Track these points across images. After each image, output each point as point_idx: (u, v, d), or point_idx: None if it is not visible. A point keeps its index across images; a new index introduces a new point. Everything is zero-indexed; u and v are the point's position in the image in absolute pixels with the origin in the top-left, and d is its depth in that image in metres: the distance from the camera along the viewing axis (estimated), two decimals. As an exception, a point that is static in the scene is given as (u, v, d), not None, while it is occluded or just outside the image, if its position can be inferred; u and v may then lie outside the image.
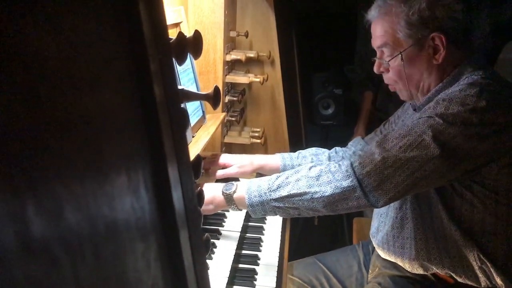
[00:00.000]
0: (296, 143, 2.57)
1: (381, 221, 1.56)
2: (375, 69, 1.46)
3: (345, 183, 1.21)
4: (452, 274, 1.38)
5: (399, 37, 1.34)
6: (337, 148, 1.80)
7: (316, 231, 3.27)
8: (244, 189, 1.33)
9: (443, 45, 1.30)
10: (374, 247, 1.63)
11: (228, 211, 1.69)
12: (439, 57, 1.32)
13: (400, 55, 1.35)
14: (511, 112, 1.21)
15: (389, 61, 1.39)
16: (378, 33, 1.39)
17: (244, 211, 1.70)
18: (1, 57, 0.24)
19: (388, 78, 1.45)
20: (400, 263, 1.48)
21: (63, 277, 0.27)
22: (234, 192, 1.34)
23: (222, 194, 1.35)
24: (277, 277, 1.45)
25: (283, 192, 1.26)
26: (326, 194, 1.22)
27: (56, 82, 0.29)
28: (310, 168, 1.30)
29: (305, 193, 1.24)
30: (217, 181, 1.70)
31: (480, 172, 1.25)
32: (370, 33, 1.42)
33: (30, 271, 0.24)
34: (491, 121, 1.18)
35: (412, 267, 1.44)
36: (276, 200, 1.27)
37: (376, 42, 1.42)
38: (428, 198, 1.37)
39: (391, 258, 1.51)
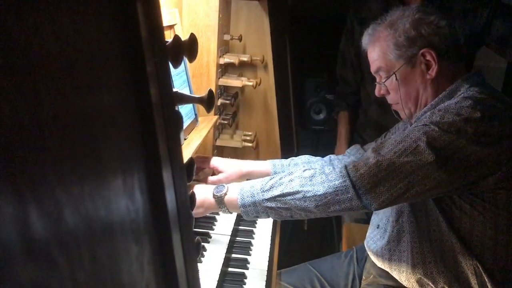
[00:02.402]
0: (287, 147, 2.57)
1: (375, 233, 1.56)
2: (376, 92, 1.51)
3: (338, 183, 1.22)
4: None
5: (391, 59, 1.39)
6: (332, 156, 1.80)
7: (305, 236, 3.27)
8: (236, 190, 1.33)
9: (435, 60, 1.34)
10: (368, 254, 1.63)
11: (218, 214, 1.69)
12: (433, 71, 1.35)
13: (394, 75, 1.40)
14: (506, 125, 1.22)
15: (384, 82, 1.44)
16: (372, 59, 1.46)
17: (234, 215, 1.70)
18: (1, 60, 0.24)
19: (390, 99, 1.50)
20: (396, 276, 1.48)
21: (62, 280, 0.27)
22: (225, 194, 1.33)
23: (213, 196, 1.34)
24: (266, 281, 1.45)
25: (276, 192, 1.26)
26: (319, 193, 1.22)
27: (57, 84, 0.29)
28: (304, 170, 1.30)
29: (297, 192, 1.24)
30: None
31: (478, 185, 1.25)
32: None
33: (30, 274, 0.24)
34: (486, 132, 1.19)
35: (408, 282, 1.44)
36: (268, 200, 1.27)
37: (372, 67, 1.47)
38: (426, 211, 1.36)
39: (387, 269, 1.51)
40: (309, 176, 1.27)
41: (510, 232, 1.30)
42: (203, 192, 1.37)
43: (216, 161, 1.68)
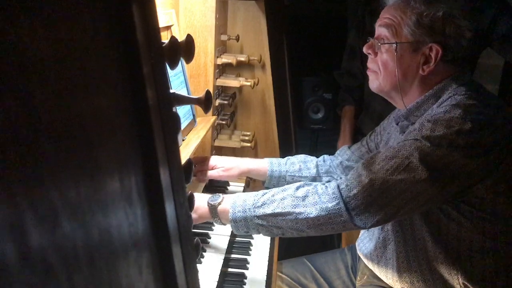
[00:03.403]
0: (286, 147, 2.57)
1: (366, 235, 1.57)
2: (365, 48, 1.43)
3: (331, 205, 1.20)
4: None
5: (402, 29, 1.32)
6: (325, 156, 1.80)
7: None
8: (229, 202, 1.30)
9: (435, 60, 1.30)
10: None
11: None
12: (426, 69, 1.32)
13: (395, 45, 1.33)
14: (496, 132, 1.21)
15: (382, 44, 1.37)
16: (388, 15, 1.37)
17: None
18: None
19: (372, 61, 1.42)
20: (384, 279, 1.48)
21: (59, 287, 0.27)
22: (219, 204, 1.31)
23: (207, 204, 1.32)
24: (266, 280, 1.45)
25: (267, 210, 1.24)
26: (311, 216, 1.21)
27: (52, 88, 0.29)
28: (297, 188, 1.28)
29: (289, 213, 1.22)
30: (206, 187, 1.70)
31: (467, 193, 1.25)
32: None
33: (26, 282, 0.24)
34: (477, 143, 1.18)
35: (396, 287, 1.45)
36: (259, 217, 1.25)
37: (381, 21, 1.39)
38: (410, 220, 1.35)
39: (376, 272, 1.51)
40: (302, 196, 1.24)
41: (497, 237, 1.29)
42: (198, 199, 1.34)
43: (216, 160, 1.69)
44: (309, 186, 1.28)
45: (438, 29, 1.29)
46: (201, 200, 1.34)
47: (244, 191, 1.89)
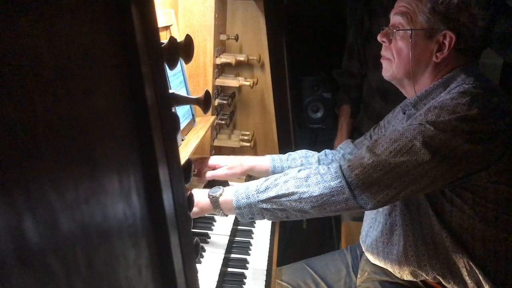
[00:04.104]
0: (285, 146, 2.57)
1: (370, 226, 1.56)
2: (379, 36, 1.45)
3: (334, 184, 1.22)
4: (441, 280, 1.38)
5: (417, 16, 1.34)
6: (327, 151, 1.80)
7: (304, 235, 3.28)
8: (231, 192, 1.32)
9: (449, 46, 1.31)
10: (362, 252, 1.64)
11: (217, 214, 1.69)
12: (440, 56, 1.33)
13: (410, 32, 1.34)
14: (501, 120, 1.22)
15: (397, 30, 1.38)
16: (403, 3, 1.38)
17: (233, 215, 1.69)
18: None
19: (386, 48, 1.44)
20: (389, 268, 1.48)
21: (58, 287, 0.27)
22: (220, 195, 1.33)
23: (208, 197, 1.33)
24: (266, 281, 1.45)
25: (271, 193, 1.26)
26: (315, 194, 1.22)
27: (50, 89, 0.29)
28: (299, 171, 1.30)
29: (293, 193, 1.24)
30: (206, 185, 1.70)
31: (470, 179, 1.26)
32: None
33: (26, 282, 0.24)
34: (481, 130, 1.19)
35: (401, 273, 1.45)
36: (263, 201, 1.26)
37: (397, 9, 1.40)
38: (417, 204, 1.37)
39: (381, 264, 1.51)
40: (304, 176, 1.26)
41: (498, 224, 1.31)
42: (198, 193, 1.37)
43: (215, 160, 1.69)
44: (311, 168, 1.30)
45: (452, 17, 1.30)
46: (201, 194, 1.36)
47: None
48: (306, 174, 1.27)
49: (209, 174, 1.65)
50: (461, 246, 1.32)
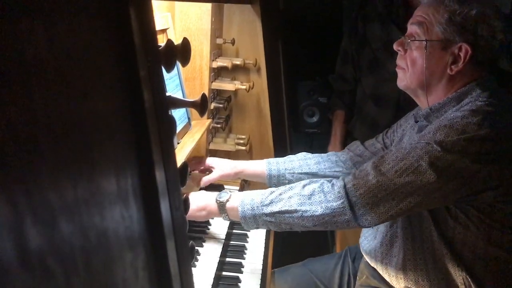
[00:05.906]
0: (281, 151, 2.57)
1: (370, 233, 1.56)
2: (395, 45, 1.42)
3: (336, 204, 1.23)
4: None
5: (434, 27, 1.31)
6: (331, 154, 1.78)
7: (299, 237, 3.27)
8: (237, 200, 1.34)
9: (464, 59, 1.28)
10: (362, 254, 1.63)
11: (212, 218, 1.69)
12: (455, 68, 1.30)
13: (425, 43, 1.32)
14: (511, 141, 1.19)
15: (412, 41, 1.35)
16: (421, 12, 1.36)
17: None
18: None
19: (401, 58, 1.42)
20: (387, 278, 1.48)
21: None
22: (227, 201, 1.35)
23: (216, 201, 1.36)
24: (260, 285, 1.45)
25: (275, 208, 1.28)
26: (316, 214, 1.24)
27: (50, 90, 0.29)
28: (304, 186, 1.31)
29: (296, 211, 1.26)
30: (204, 188, 1.70)
31: (477, 197, 1.23)
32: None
33: (25, 283, 0.24)
34: (491, 150, 1.17)
35: (398, 285, 1.44)
36: (267, 215, 1.29)
37: (414, 18, 1.38)
38: (420, 218, 1.36)
39: (379, 270, 1.51)
40: (308, 194, 1.27)
41: (502, 245, 1.29)
42: (206, 196, 1.40)
43: (211, 161, 1.70)
44: (316, 183, 1.31)
45: (469, 28, 1.27)
46: (210, 198, 1.39)
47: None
48: (310, 192, 1.28)
49: (204, 180, 1.65)
50: (461, 263, 1.31)
